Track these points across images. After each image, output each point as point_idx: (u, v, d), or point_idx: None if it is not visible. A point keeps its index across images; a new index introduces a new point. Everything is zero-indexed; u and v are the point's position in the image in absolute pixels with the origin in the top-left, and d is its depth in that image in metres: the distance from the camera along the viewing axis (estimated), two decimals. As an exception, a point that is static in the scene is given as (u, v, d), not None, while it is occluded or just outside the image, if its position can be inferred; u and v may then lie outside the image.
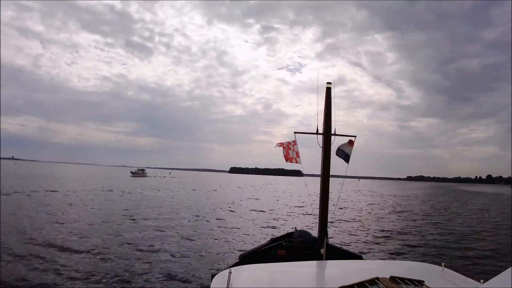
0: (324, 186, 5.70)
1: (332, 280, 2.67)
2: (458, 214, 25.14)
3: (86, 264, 8.35)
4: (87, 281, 7.25)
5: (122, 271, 7.96)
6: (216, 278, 2.55)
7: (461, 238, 14.63)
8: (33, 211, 16.31)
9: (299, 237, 6.59)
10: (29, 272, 7.58)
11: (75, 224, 13.62)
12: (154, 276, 7.76)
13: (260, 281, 2.62)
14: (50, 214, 15.91)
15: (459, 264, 9.68)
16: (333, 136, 5.79)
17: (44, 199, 21.69)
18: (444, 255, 11.12)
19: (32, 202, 19.63)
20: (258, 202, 29.47)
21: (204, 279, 7.43)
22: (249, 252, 6.25)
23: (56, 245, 10.01)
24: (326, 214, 5.69)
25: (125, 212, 18.04)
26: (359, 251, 10.03)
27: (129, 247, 10.35)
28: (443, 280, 2.62)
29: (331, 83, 5.83)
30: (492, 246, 12.82)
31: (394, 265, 3.66)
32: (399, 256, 10.96)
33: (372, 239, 13.66)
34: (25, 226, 12.59)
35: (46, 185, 33.86)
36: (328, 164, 5.78)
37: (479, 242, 13.84)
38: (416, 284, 2.28)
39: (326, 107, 5.80)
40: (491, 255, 11.43)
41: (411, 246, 12.42)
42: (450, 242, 13.56)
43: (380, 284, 2.23)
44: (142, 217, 16.60)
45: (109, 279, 7.44)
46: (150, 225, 14.48)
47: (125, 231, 12.71)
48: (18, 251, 9.07)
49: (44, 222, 13.50)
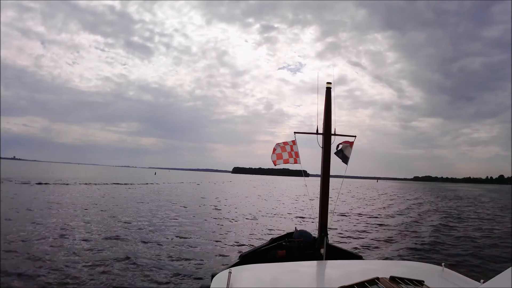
0: (324, 186, 5.70)
1: (332, 280, 2.67)
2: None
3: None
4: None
5: (121, 271, 7.98)
6: (216, 278, 2.56)
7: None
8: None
9: (299, 237, 6.59)
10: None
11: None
12: (154, 276, 7.76)
13: (260, 281, 2.62)
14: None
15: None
16: (333, 136, 5.79)
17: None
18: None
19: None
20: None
21: (204, 279, 7.44)
22: (249, 252, 6.25)
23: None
24: (326, 214, 5.69)
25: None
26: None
27: (129, 247, 10.37)
28: (443, 280, 2.62)
29: (331, 83, 5.82)
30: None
31: (394, 265, 3.67)
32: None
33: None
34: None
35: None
36: (328, 164, 5.77)
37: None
38: (416, 284, 2.28)
39: (326, 107, 5.79)
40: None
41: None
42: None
43: (380, 284, 2.23)
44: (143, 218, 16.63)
45: (107, 279, 7.45)
46: (149, 225, 14.51)
47: (125, 232, 12.72)
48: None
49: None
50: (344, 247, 7.14)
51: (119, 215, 16.65)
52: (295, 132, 5.89)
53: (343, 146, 5.96)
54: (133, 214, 17.28)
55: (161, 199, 26.60)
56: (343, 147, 5.97)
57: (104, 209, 18.60)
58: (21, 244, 9.93)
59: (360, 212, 23.56)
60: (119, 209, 19.13)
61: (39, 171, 71.44)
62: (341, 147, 5.97)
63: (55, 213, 16.08)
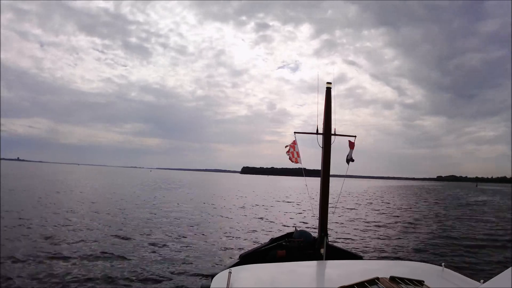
0: (324, 186, 5.71)
1: (332, 280, 2.67)
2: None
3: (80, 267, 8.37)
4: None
5: (120, 272, 7.98)
6: (216, 278, 2.56)
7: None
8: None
9: (299, 237, 6.60)
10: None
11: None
12: (153, 276, 7.77)
13: (260, 281, 2.62)
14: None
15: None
16: (333, 136, 5.79)
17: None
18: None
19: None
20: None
21: (204, 279, 7.44)
22: (249, 252, 6.25)
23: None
24: (326, 214, 5.70)
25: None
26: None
27: (128, 247, 10.37)
28: (443, 280, 2.62)
29: (331, 83, 5.82)
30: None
31: (394, 265, 3.67)
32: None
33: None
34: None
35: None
36: (328, 164, 5.78)
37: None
38: (416, 284, 2.29)
39: (326, 107, 5.80)
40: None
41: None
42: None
43: (380, 284, 2.24)
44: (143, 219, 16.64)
45: (106, 279, 7.46)
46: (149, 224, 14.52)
47: (125, 233, 12.74)
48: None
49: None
50: (344, 247, 7.14)
51: (110, 209, 16.67)
52: (295, 132, 5.91)
53: (350, 151, 6.00)
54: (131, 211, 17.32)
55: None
56: (349, 152, 6.00)
57: (99, 208, 18.65)
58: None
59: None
60: (119, 209, 19.18)
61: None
62: (351, 155, 6.00)
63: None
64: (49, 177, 52.53)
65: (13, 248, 9.44)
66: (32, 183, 36.02)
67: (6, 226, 12.29)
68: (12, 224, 12.70)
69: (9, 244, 9.81)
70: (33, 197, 22.47)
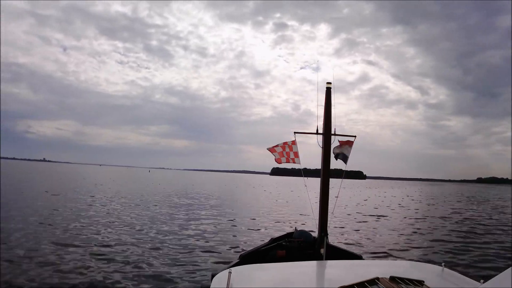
0: (324, 186, 5.71)
1: (332, 280, 2.67)
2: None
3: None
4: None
5: (119, 271, 7.97)
6: (216, 278, 2.56)
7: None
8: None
9: (299, 237, 6.60)
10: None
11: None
12: (153, 276, 7.76)
13: (260, 281, 2.62)
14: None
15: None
16: (333, 136, 5.80)
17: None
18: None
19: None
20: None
21: (204, 279, 7.43)
22: (249, 252, 6.26)
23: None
24: (326, 214, 5.70)
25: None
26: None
27: (128, 247, 10.35)
28: (443, 280, 2.63)
29: (331, 83, 5.84)
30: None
31: (394, 265, 3.67)
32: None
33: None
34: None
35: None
36: (328, 164, 5.79)
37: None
38: (416, 284, 2.29)
39: (326, 107, 5.80)
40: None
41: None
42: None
43: (380, 284, 2.24)
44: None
45: (107, 278, 7.45)
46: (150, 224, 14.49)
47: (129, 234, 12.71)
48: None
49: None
50: (344, 247, 7.14)
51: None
52: (295, 132, 5.90)
53: (341, 148, 5.97)
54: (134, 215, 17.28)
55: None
56: (343, 149, 5.98)
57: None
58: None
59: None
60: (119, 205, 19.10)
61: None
62: (337, 151, 5.98)
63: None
64: (48, 177, 52.46)
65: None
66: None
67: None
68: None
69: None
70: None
